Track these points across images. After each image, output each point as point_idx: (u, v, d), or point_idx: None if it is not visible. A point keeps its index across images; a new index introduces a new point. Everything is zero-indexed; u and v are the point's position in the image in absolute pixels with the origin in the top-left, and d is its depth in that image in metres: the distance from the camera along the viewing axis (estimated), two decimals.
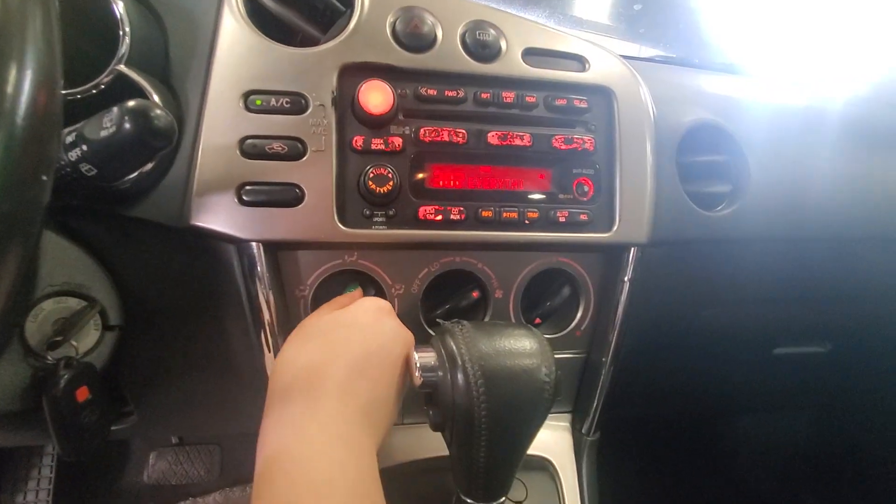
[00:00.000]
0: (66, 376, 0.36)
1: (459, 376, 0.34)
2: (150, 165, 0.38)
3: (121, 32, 0.40)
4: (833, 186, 0.63)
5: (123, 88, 0.40)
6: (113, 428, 0.50)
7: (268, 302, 0.44)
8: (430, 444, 0.45)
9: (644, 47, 1.03)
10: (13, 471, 0.99)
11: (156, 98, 0.41)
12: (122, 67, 0.40)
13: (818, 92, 0.76)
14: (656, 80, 0.55)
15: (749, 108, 0.62)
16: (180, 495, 1.01)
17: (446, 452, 0.39)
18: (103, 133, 0.29)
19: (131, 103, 0.29)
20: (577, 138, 0.47)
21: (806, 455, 1.06)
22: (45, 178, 0.20)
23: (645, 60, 0.95)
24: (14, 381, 0.37)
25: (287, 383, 0.34)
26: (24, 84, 0.20)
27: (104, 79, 0.39)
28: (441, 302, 0.49)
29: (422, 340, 0.47)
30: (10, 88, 0.19)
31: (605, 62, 0.49)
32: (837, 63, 0.85)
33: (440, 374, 0.36)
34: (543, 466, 0.51)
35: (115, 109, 0.29)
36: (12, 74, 0.19)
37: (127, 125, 0.28)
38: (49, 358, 0.38)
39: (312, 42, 0.44)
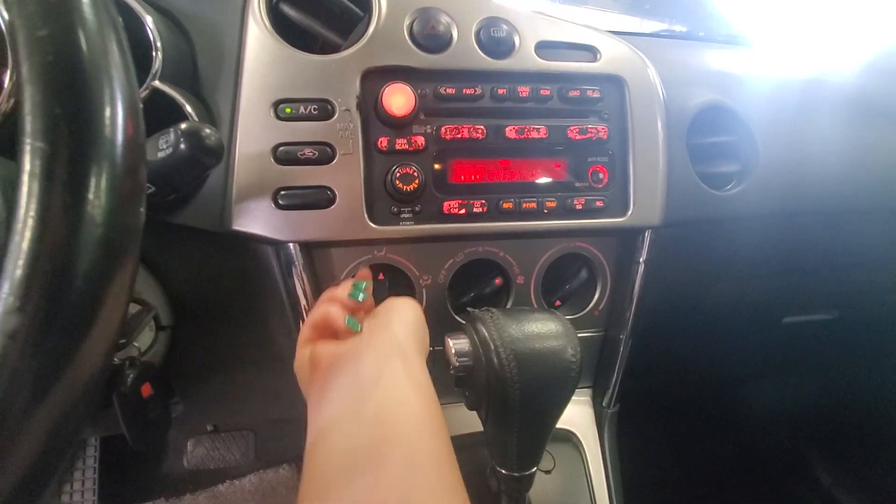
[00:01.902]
0: (132, 375, 0.40)
1: (494, 359, 0.37)
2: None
3: (153, 48, 0.42)
4: (839, 160, 0.64)
5: (158, 102, 0.42)
6: None
7: (305, 296, 0.47)
8: (466, 421, 0.48)
9: (650, 21, 1.03)
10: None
11: (189, 109, 0.43)
12: (156, 83, 0.42)
13: (823, 64, 0.77)
14: (664, 60, 0.56)
15: (755, 86, 0.63)
16: (218, 479, 1.07)
17: (480, 429, 0.43)
18: (160, 154, 0.31)
19: (184, 126, 0.31)
20: (591, 128, 0.49)
21: (814, 417, 1.10)
22: (141, 208, 0.22)
23: (651, 36, 0.96)
24: None
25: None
26: (118, 116, 0.20)
27: (141, 95, 0.42)
28: (466, 290, 0.52)
29: (450, 326, 0.51)
30: (107, 123, 0.20)
31: (615, 51, 0.51)
32: (841, 30, 0.85)
33: (474, 358, 0.39)
34: (568, 438, 0.54)
35: (170, 132, 0.31)
36: (107, 109, 0.20)
37: (182, 146, 0.31)
38: (115, 359, 0.41)
39: (333, 47, 0.46)
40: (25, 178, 0.18)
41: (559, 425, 0.54)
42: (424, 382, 0.32)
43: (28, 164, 0.18)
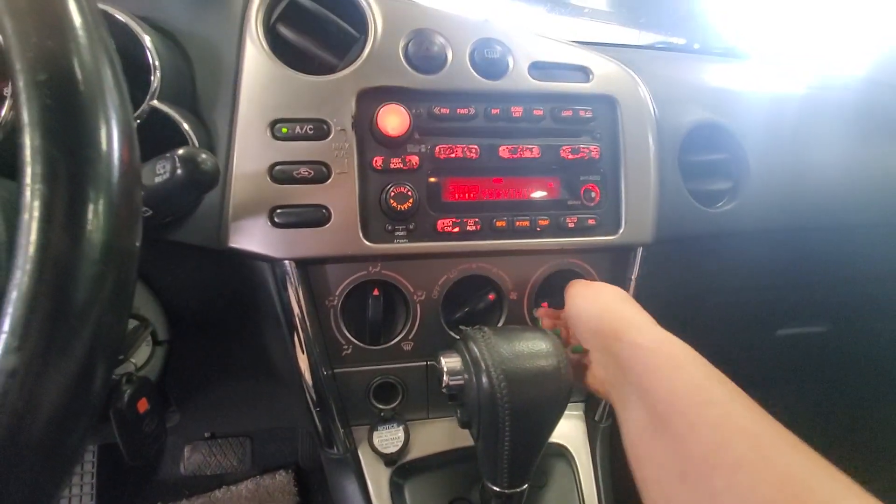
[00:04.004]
0: (128, 391, 0.40)
1: (484, 379, 0.38)
2: None
3: (151, 67, 0.43)
4: (832, 175, 0.65)
5: (157, 122, 0.43)
6: None
7: (300, 312, 0.48)
8: (459, 435, 0.49)
9: (646, 33, 1.04)
10: None
11: (186, 128, 0.44)
12: (155, 103, 0.43)
13: (816, 77, 0.78)
14: (658, 76, 0.57)
15: (749, 102, 0.63)
16: (215, 484, 1.07)
17: (472, 443, 0.43)
18: (157, 179, 0.32)
19: (181, 151, 0.32)
20: (583, 147, 0.50)
21: (810, 429, 1.10)
22: (137, 234, 0.23)
23: (646, 48, 0.97)
24: None
25: None
26: (114, 149, 0.21)
27: (140, 115, 0.42)
28: (460, 305, 0.52)
29: (443, 341, 0.51)
30: (104, 158, 0.21)
31: (607, 71, 0.52)
32: (838, 41, 0.86)
33: (466, 377, 0.40)
34: (561, 453, 0.55)
35: (167, 157, 0.32)
36: (104, 145, 0.21)
37: (179, 171, 0.31)
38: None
39: (329, 67, 0.47)
40: (26, 218, 0.18)
41: (551, 439, 0.55)
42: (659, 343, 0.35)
43: (28, 206, 0.18)
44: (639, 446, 0.33)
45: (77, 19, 0.22)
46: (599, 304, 0.41)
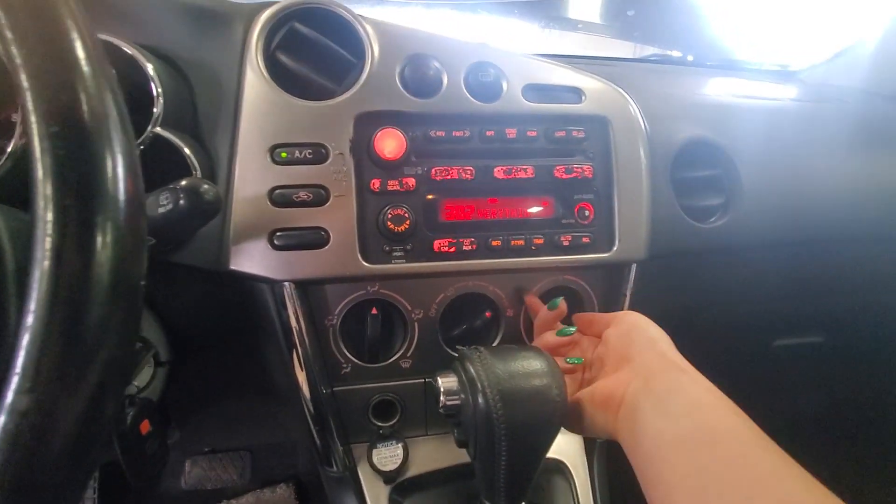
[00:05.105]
0: (131, 413, 0.41)
1: (480, 400, 0.39)
2: None
3: (154, 95, 0.44)
4: (825, 188, 0.66)
5: (159, 147, 0.44)
6: None
7: (300, 331, 0.48)
8: (457, 452, 0.49)
9: (640, 46, 1.06)
10: None
11: (188, 153, 0.45)
12: (158, 130, 0.44)
13: (810, 89, 0.79)
14: (650, 93, 0.58)
15: (740, 118, 0.64)
16: (215, 499, 1.07)
17: (471, 460, 0.44)
18: (161, 210, 0.33)
19: (184, 183, 0.33)
20: (576, 167, 0.51)
21: (808, 437, 1.10)
22: (143, 261, 0.24)
23: (640, 62, 0.98)
24: None
25: None
26: (119, 176, 0.22)
27: (143, 142, 0.43)
28: (457, 323, 0.53)
29: (441, 359, 0.52)
30: (110, 186, 0.22)
31: (599, 91, 0.53)
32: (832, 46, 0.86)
33: (462, 397, 0.41)
34: (558, 469, 0.55)
35: (170, 189, 0.33)
36: (109, 170, 0.22)
37: (182, 202, 0.32)
38: None
39: (327, 93, 0.48)
40: (37, 268, 0.19)
41: (549, 455, 0.55)
42: (704, 383, 0.36)
43: (39, 256, 0.19)
44: (666, 459, 0.32)
45: (85, 65, 0.23)
46: (664, 337, 0.42)
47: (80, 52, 0.23)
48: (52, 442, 0.20)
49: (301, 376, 0.50)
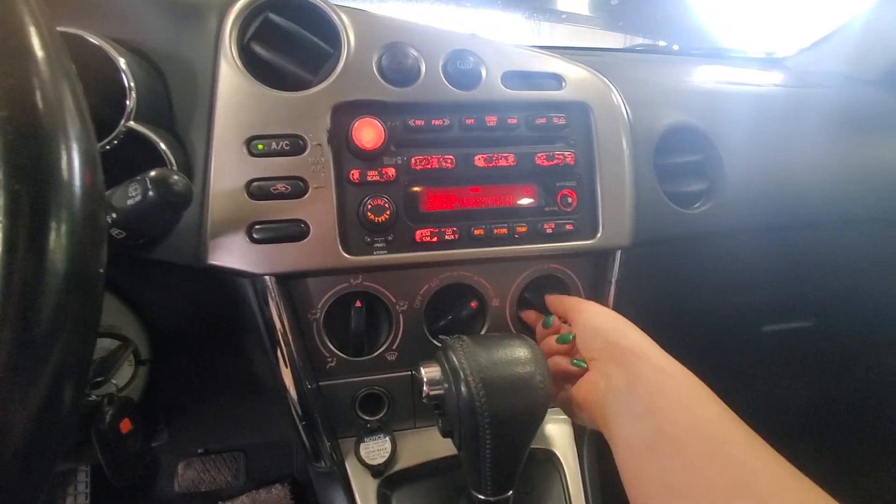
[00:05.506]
0: (110, 412, 0.41)
1: (463, 388, 0.38)
2: None
3: (126, 88, 0.43)
4: (809, 172, 0.66)
5: (133, 141, 0.43)
6: None
7: (282, 326, 0.48)
8: (444, 444, 0.49)
9: (626, 36, 1.06)
10: (51, 487, 1.05)
11: (163, 147, 0.44)
12: (131, 124, 0.43)
13: (792, 75, 0.79)
14: (632, 80, 0.57)
15: (721, 103, 0.64)
16: (210, 501, 1.07)
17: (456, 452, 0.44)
18: (130, 202, 0.32)
19: (153, 173, 0.32)
20: (558, 154, 0.50)
21: (801, 423, 1.11)
22: (102, 252, 0.23)
23: (624, 51, 0.98)
24: None
25: None
26: (75, 166, 0.22)
27: (116, 136, 0.43)
28: (443, 314, 0.53)
29: (427, 350, 0.52)
30: (65, 174, 0.21)
31: (579, 77, 0.52)
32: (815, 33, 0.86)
33: (446, 386, 0.40)
34: (548, 458, 0.55)
35: (138, 180, 0.32)
36: (63, 159, 0.21)
37: (151, 193, 0.32)
38: (93, 396, 0.42)
39: (303, 83, 0.47)
40: None
41: (538, 444, 0.55)
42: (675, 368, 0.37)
43: None
44: (638, 464, 0.34)
45: (39, 53, 0.22)
46: (618, 322, 0.43)
47: (34, 40, 0.22)
48: (9, 433, 0.19)
49: (285, 372, 0.50)
